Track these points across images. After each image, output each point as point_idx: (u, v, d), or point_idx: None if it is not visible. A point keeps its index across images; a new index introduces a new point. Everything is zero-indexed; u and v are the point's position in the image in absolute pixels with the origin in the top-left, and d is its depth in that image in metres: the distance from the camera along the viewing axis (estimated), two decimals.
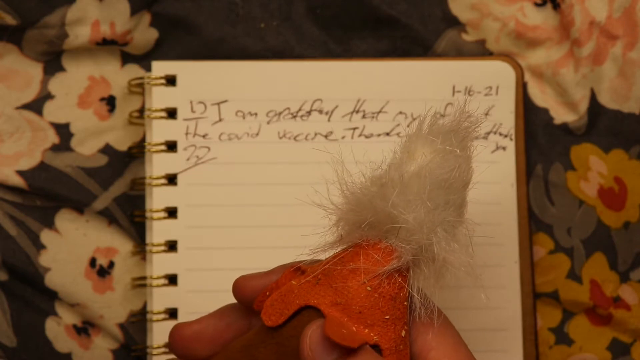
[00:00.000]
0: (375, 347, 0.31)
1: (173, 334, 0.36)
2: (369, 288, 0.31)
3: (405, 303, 0.32)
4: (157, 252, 0.45)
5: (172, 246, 0.45)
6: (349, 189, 0.32)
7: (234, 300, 0.44)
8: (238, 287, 0.35)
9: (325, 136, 0.46)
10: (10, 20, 0.45)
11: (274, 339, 0.32)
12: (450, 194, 0.31)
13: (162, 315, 0.45)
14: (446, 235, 0.31)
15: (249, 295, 0.34)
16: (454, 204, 0.31)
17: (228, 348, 0.34)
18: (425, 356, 0.32)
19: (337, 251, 0.32)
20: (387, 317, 0.31)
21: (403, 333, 0.31)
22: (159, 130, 0.46)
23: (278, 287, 0.33)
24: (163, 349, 0.45)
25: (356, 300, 0.31)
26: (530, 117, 0.47)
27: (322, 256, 0.33)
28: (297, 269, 0.33)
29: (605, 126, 0.47)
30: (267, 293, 0.33)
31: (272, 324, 0.32)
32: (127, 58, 0.47)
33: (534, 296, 0.46)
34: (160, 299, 0.45)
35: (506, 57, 0.47)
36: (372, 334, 0.31)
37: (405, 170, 0.31)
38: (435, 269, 0.31)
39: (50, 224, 0.46)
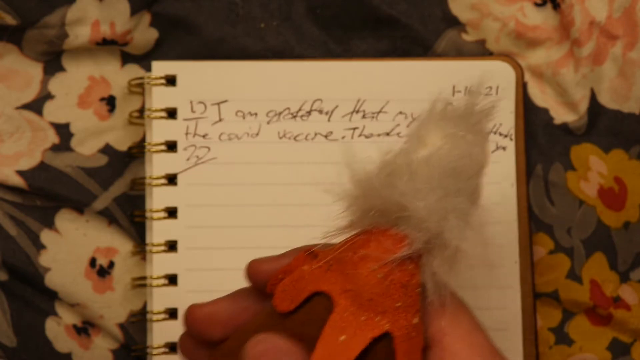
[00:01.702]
0: (387, 335, 0.30)
1: (187, 314, 0.36)
2: (379, 275, 0.30)
3: (417, 290, 0.31)
4: (157, 252, 0.45)
5: (172, 246, 0.45)
6: (358, 175, 0.31)
7: None
8: (251, 271, 0.35)
9: (325, 136, 0.46)
10: (10, 20, 0.45)
11: (285, 325, 0.32)
12: (462, 181, 0.30)
13: (162, 315, 0.45)
14: (458, 222, 0.30)
15: (262, 278, 0.34)
16: (466, 191, 0.30)
17: (241, 330, 0.34)
18: (439, 341, 0.32)
19: (348, 236, 0.32)
20: (399, 304, 0.31)
21: (415, 320, 0.31)
22: (159, 130, 0.46)
23: (290, 270, 0.33)
24: (163, 349, 0.45)
25: (367, 287, 0.30)
26: (530, 117, 0.47)
27: (336, 240, 0.32)
28: (310, 253, 0.33)
29: (605, 126, 0.47)
30: (280, 276, 0.33)
31: (284, 310, 0.32)
32: (127, 58, 0.47)
33: (534, 296, 0.46)
34: (160, 299, 0.45)
35: (506, 57, 0.47)
36: (383, 322, 0.30)
37: (415, 157, 0.30)
38: (448, 256, 0.31)
39: (50, 224, 0.46)
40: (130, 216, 0.46)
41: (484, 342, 0.32)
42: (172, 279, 0.45)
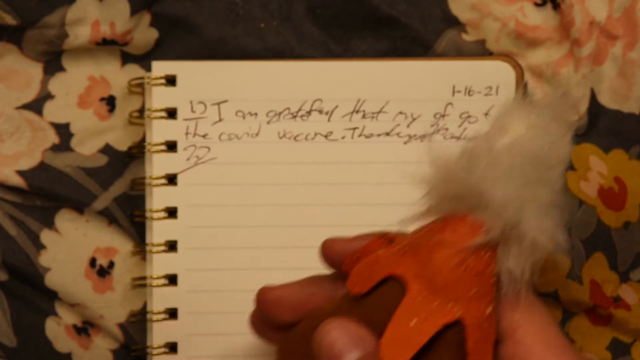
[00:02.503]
0: (458, 323, 0.30)
1: (258, 296, 0.37)
2: (454, 262, 0.30)
3: (492, 280, 0.31)
4: (157, 252, 0.45)
5: (172, 246, 0.45)
6: (439, 160, 0.31)
7: (236, 301, 0.44)
8: (325, 249, 0.35)
9: (325, 136, 0.46)
10: (10, 20, 0.45)
11: (359, 308, 0.32)
12: (542, 170, 0.30)
13: (162, 315, 0.45)
14: (537, 213, 0.30)
15: (335, 258, 0.34)
16: (546, 182, 0.30)
17: (315, 314, 0.34)
18: (512, 334, 0.31)
19: (425, 223, 0.32)
20: (472, 293, 0.30)
21: (488, 310, 0.30)
22: (159, 130, 0.46)
23: (366, 252, 0.33)
24: (163, 349, 0.45)
25: (441, 273, 0.30)
26: None
27: (412, 226, 0.32)
28: (386, 238, 0.33)
29: (605, 126, 0.47)
30: (355, 257, 0.33)
31: (358, 293, 0.32)
32: (127, 58, 0.47)
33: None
34: (160, 299, 0.45)
35: (506, 57, 0.47)
36: (455, 309, 0.30)
37: (496, 143, 0.30)
38: (525, 247, 0.30)
39: (50, 224, 0.46)
40: (130, 216, 0.46)
41: (557, 337, 0.31)
42: (172, 279, 0.45)
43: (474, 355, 0.30)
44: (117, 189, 0.46)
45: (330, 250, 0.35)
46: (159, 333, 0.45)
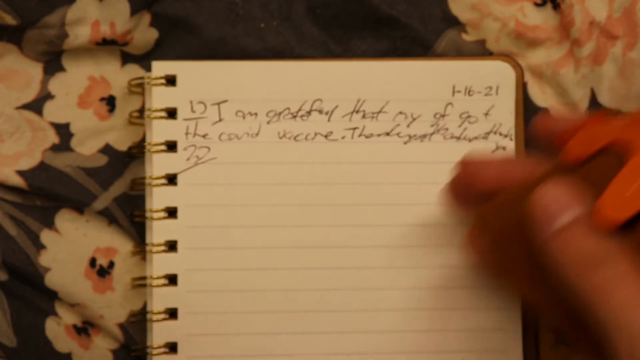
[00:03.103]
0: None
1: (461, 163, 0.40)
2: None
3: None
4: (157, 252, 0.45)
5: (172, 246, 0.45)
6: None
7: (236, 301, 0.44)
8: (539, 121, 0.38)
9: (325, 136, 0.46)
10: (10, 20, 0.45)
11: (574, 175, 0.32)
12: None
13: (162, 315, 0.45)
14: None
15: (552, 130, 0.36)
16: None
17: (522, 183, 0.35)
18: None
19: None
20: None
21: None
22: (159, 130, 0.46)
23: (584, 127, 0.34)
24: (163, 349, 0.45)
25: None
26: (530, 117, 0.47)
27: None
28: (605, 116, 0.34)
29: None
30: (572, 132, 0.34)
31: (573, 159, 0.33)
32: (127, 58, 0.47)
33: None
34: (160, 299, 0.45)
35: (506, 57, 0.47)
36: None
37: None
38: None
39: (50, 224, 0.46)
40: (130, 216, 0.46)
41: None
42: (172, 279, 0.45)
43: None
44: (117, 189, 0.46)
45: (544, 124, 0.37)
46: (159, 333, 0.45)
